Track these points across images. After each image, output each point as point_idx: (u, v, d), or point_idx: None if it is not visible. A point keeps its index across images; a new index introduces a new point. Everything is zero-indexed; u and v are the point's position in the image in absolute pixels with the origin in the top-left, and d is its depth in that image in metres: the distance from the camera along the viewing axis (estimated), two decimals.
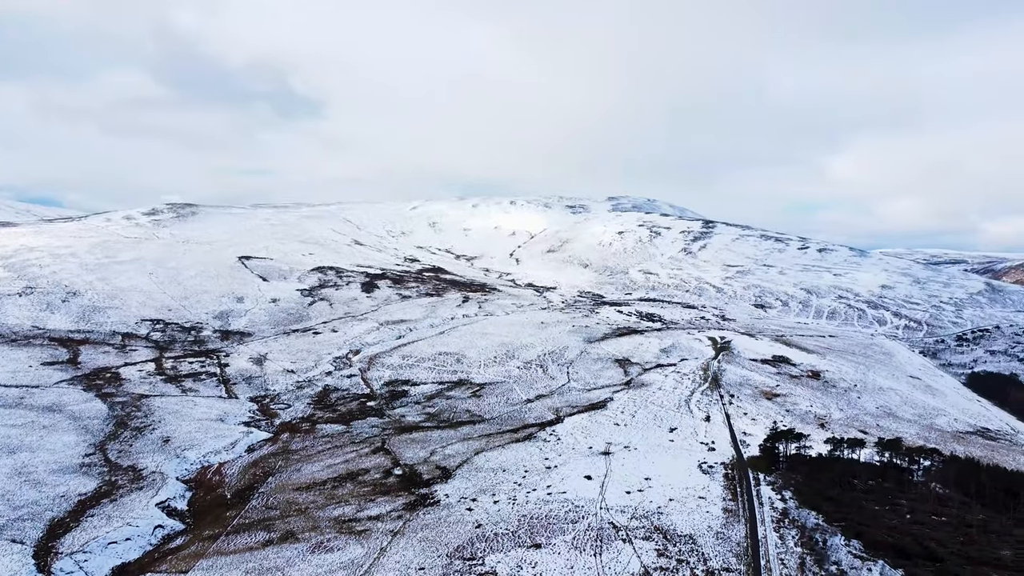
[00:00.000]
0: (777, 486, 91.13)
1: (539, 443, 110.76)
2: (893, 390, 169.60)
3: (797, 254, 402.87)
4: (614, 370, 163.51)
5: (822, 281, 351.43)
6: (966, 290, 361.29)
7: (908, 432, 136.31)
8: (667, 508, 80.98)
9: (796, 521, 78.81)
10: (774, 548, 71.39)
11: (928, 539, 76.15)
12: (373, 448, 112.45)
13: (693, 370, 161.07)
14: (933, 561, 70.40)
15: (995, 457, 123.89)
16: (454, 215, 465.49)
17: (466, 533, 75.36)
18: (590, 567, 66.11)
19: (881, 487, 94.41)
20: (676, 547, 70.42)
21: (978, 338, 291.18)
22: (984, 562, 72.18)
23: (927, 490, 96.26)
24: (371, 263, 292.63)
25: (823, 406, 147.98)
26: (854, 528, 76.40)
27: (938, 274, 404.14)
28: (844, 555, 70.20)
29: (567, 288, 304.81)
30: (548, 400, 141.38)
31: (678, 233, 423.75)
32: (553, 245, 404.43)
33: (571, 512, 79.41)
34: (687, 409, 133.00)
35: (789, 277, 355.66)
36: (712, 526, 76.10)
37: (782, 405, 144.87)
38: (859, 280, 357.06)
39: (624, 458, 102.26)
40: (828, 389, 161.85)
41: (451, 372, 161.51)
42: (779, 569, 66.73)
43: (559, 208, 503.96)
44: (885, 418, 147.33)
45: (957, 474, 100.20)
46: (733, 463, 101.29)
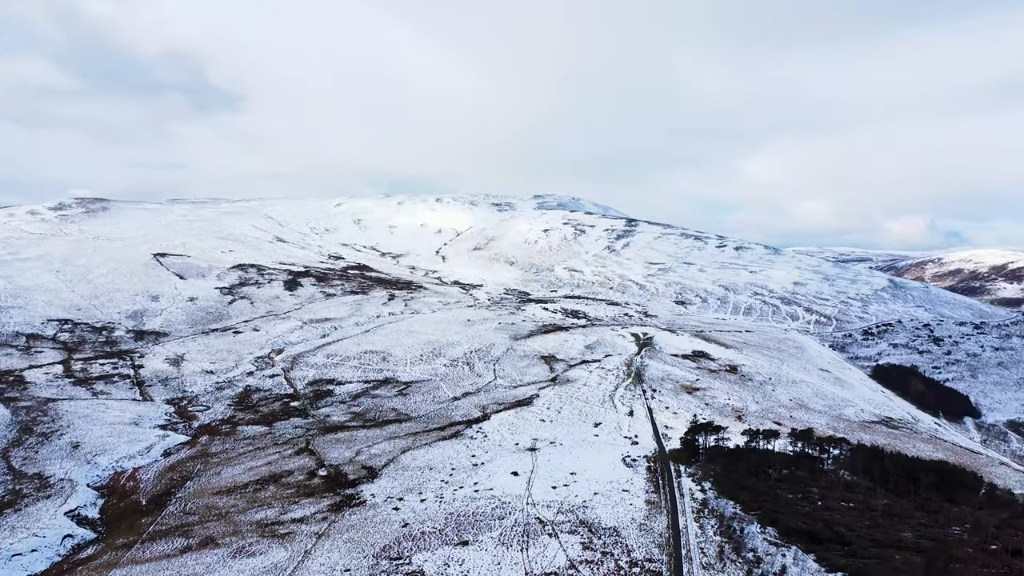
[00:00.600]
0: (697, 477, 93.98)
1: (466, 440, 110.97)
2: (805, 383, 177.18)
3: (715, 252, 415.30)
4: (540, 367, 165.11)
5: (739, 278, 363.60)
6: (871, 287, 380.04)
7: (819, 422, 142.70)
8: (592, 502, 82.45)
9: (715, 511, 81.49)
10: (694, 538, 73.64)
11: (837, 524, 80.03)
12: (297, 449, 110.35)
13: (617, 366, 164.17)
14: (842, 545, 74.06)
15: (897, 444, 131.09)
16: (379, 212, 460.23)
17: (393, 533, 74.91)
18: (517, 562, 66.74)
19: (794, 476, 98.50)
20: (601, 540, 71.80)
21: (882, 332, 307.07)
22: (888, 544, 76.40)
23: (836, 477, 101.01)
24: (294, 260, 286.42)
25: (740, 399, 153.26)
26: (769, 516, 79.60)
27: (846, 271, 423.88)
28: (760, 542, 73.05)
29: (493, 286, 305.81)
30: (475, 397, 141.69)
31: (602, 231, 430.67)
32: (479, 243, 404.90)
33: (498, 508, 79.93)
34: (611, 404, 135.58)
35: (708, 274, 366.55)
36: (635, 518, 77.92)
37: (702, 399, 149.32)
38: (773, 277, 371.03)
39: (550, 453, 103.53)
40: (745, 382, 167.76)
41: (377, 371, 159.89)
42: (699, 558, 68.88)
43: (485, 206, 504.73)
44: (798, 409, 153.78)
45: (863, 461, 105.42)
46: (655, 456, 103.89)
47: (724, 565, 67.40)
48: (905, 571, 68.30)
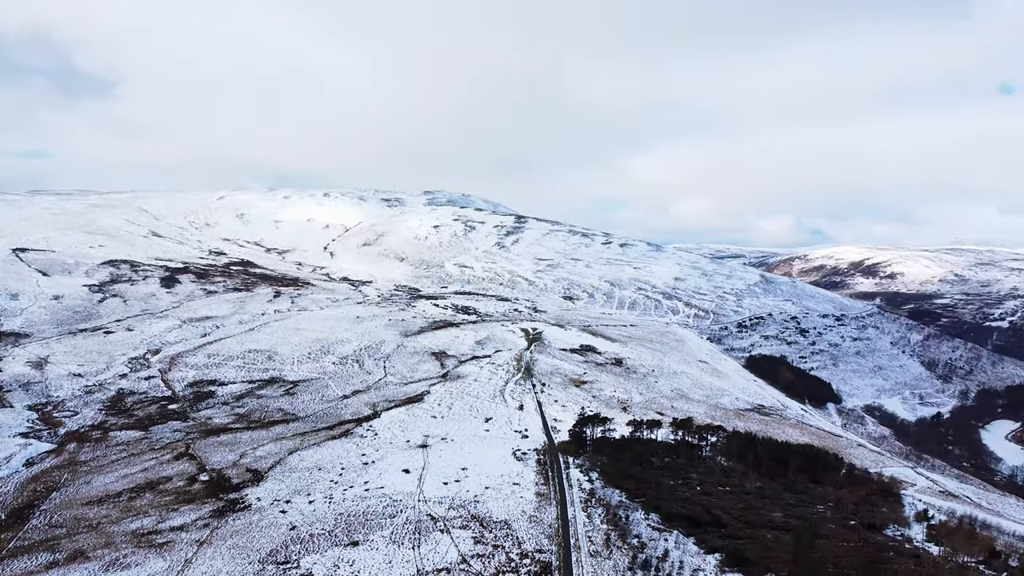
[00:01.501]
0: (585, 468, 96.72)
1: (356, 439, 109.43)
2: (685, 374, 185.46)
3: (602, 248, 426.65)
4: (431, 363, 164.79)
5: (624, 274, 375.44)
6: (745, 282, 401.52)
7: (698, 411, 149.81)
8: (483, 496, 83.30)
9: (602, 500, 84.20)
10: (582, 527, 75.83)
11: (715, 508, 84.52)
12: (176, 454, 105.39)
13: (507, 361, 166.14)
14: (719, 527, 78.33)
15: (768, 430, 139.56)
16: (264, 207, 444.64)
17: (280, 536, 73.01)
18: (408, 560, 66.62)
19: (676, 463, 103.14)
20: (492, 533, 72.73)
21: (755, 324, 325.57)
22: (760, 524, 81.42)
23: (714, 463, 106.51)
24: (172, 256, 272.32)
25: (625, 391, 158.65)
26: (653, 503, 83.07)
27: (722, 267, 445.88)
28: (644, 528, 76.14)
29: (383, 282, 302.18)
30: (365, 395, 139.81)
31: (492, 228, 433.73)
32: (369, 239, 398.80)
33: (389, 507, 79.43)
34: (502, 399, 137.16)
35: (595, 270, 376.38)
36: (526, 510, 79.37)
37: (589, 391, 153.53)
38: (656, 273, 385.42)
39: (442, 450, 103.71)
40: (630, 375, 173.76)
41: (262, 370, 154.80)
42: (587, 546, 71.01)
43: (375, 201, 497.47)
44: (679, 400, 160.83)
45: (738, 447, 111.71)
46: (545, 449, 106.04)
47: (611, 552, 69.79)
48: (775, 549, 73.01)
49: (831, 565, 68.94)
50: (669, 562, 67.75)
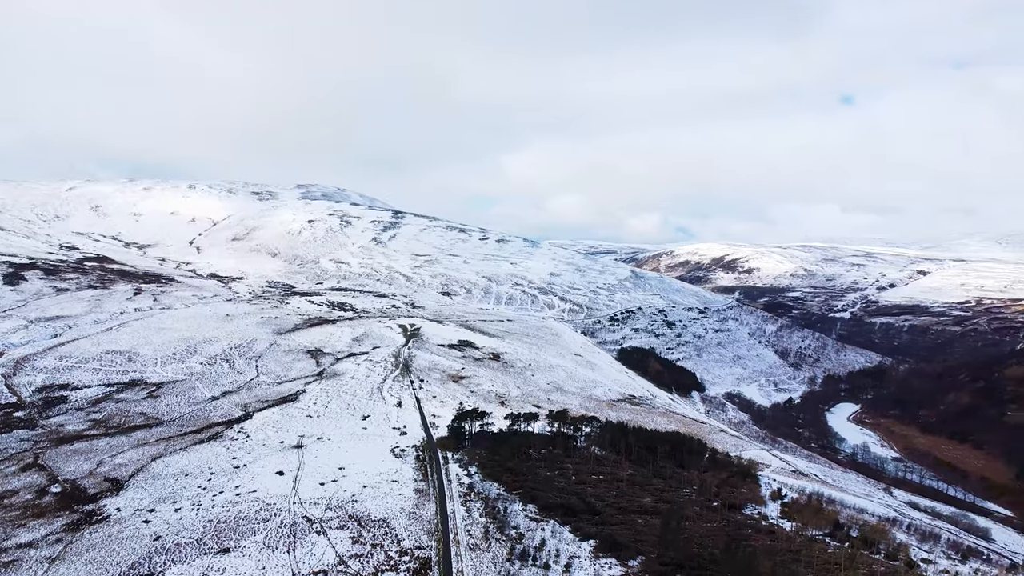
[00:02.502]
0: (464, 463, 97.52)
1: (226, 442, 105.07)
2: (561, 367, 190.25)
3: (479, 244, 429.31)
4: (306, 361, 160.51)
5: (501, 269, 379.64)
6: (617, 277, 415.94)
7: (573, 403, 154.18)
8: (361, 495, 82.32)
9: (481, 493, 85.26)
10: (462, 521, 76.52)
11: (589, 496, 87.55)
12: (22, 465, 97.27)
13: (385, 357, 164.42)
14: (593, 514, 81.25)
15: (639, 419, 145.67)
16: (122, 199, 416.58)
17: (143, 548, 69.14)
18: (283, 564, 64.92)
19: (552, 454, 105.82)
20: (371, 532, 72.07)
21: (626, 318, 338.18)
22: (631, 510, 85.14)
23: (588, 453, 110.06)
24: (15, 251, 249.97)
25: (503, 385, 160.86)
26: (530, 494, 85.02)
27: (595, 263, 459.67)
28: (522, 519, 77.80)
29: (255, 278, 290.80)
30: (236, 396, 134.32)
31: (369, 223, 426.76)
32: (239, 233, 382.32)
33: (262, 511, 76.96)
34: (380, 396, 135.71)
35: (472, 266, 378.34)
36: (405, 507, 79.15)
37: (467, 386, 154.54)
38: (532, 268, 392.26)
39: (318, 449, 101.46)
40: (507, 369, 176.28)
41: (122, 372, 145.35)
42: (466, 540, 71.75)
43: (245, 194, 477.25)
44: (555, 392, 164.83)
45: (611, 437, 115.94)
46: (424, 445, 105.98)
47: (489, 545, 70.85)
48: (646, 532, 76.61)
49: (696, 545, 73.13)
50: (546, 551, 69.64)
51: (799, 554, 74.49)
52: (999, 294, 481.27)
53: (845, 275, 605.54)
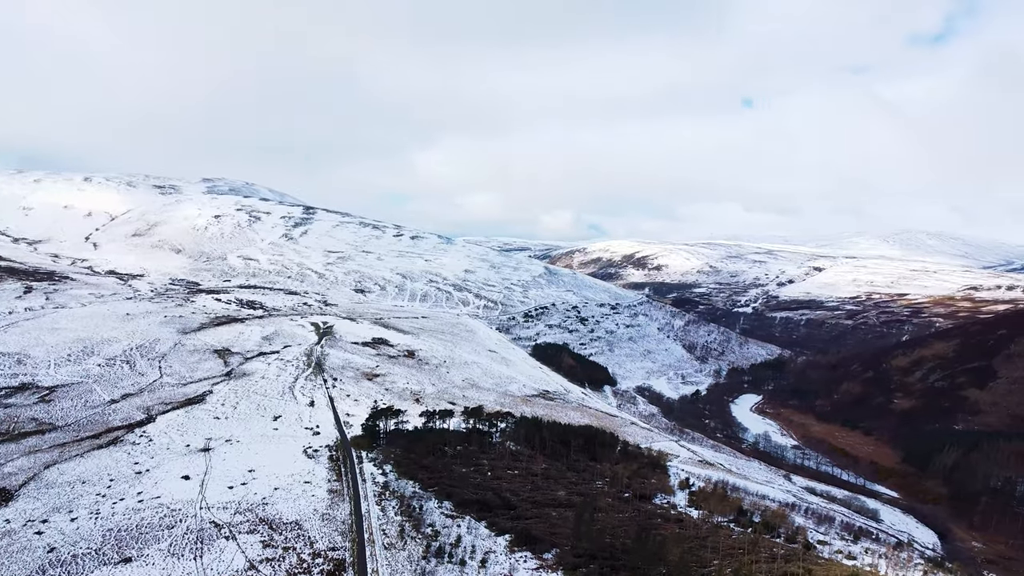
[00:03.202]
0: (378, 461, 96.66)
1: (127, 447, 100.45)
2: (476, 363, 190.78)
3: (393, 241, 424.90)
4: (213, 361, 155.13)
5: (415, 266, 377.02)
6: (531, 274, 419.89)
7: (488, 399, 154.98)
8: (273, 498, 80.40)
9: (396, 492, 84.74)
10: (377, 520, 75.87)
11: (505, 491, 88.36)
12: None
13: (297, 356, 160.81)
14: (509, 509, 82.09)
15: (553, 414, 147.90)
16: (9, 191, 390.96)
17: (35, 561, 65.40)
18: (190, 572, 62.75)
19: (468, 451, 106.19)
20: (282, 535, 70.54)
21: (540, 314, 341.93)
22: (546, 503, 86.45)
23: (503, 448, 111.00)
24: None
25: (418, 382, 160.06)
26: (446, 491, 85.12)
27: (510, 260, 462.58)
28: (438, 516, 77.80)
29: (157, 276, 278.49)
30: (137, 399, 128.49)
31: (279, 218, 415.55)
32: (140, 228, 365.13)
33: (167, 517, 74.08)
34: (292, 396, 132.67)
35: (386, 263, 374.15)
36: (318, 509, 77.80)
37: (382, 384, 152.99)
38: (447, 265, 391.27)
39: (226, 452, 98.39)
40: (422, 366, 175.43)
41: (10, 375, 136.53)
42: (381, 540, 71.20)
43: (146, 188, 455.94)
44: (470, 389, 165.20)
45: (526, 432, 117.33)
46: (338, 444, 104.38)
47: (405, 543, 70.56)
48: (560, 525, 77.98)
49: (608, 535, 74.99)
50: (462, 547, 69.93)
51: (706, 540, 77.47)
52: (887, 289, 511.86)
53: (748, 272, 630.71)
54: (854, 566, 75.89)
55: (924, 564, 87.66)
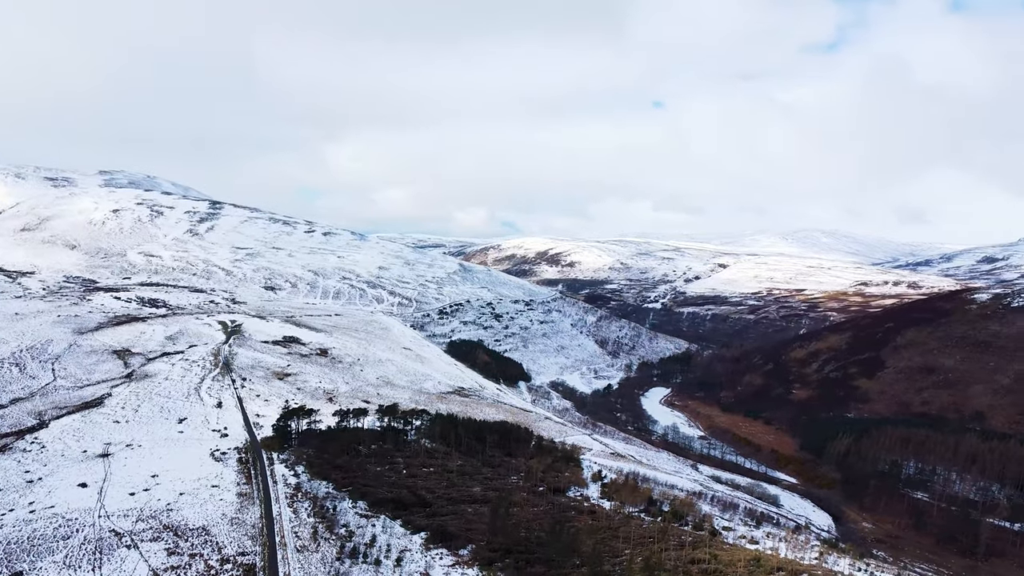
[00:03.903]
0: (290, 463, 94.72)
1: (17, 455, 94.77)
2: (391, 361, 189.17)
3: (304, 237, 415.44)
4: (112, 363, 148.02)
5: (328, 263, 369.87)
6: (445, 270, 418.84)
7: (403, 397, 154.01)
8: (178, 503, 77.63)
9: (308, 493, 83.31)
10: (288, 523, 74.41)
11: (420, 488, 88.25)
12: None
13: (203, 356, 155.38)
14: (424, 507, 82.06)
15: (468, 411, 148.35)
16: None
17: None
18: None
19: (382, 449, 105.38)
20: (189, 542, 68.27)
21: (455, 311, 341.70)
22: (462, 500, 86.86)
23: (419, 446, 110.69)
24: None
25: (331, 381, 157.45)
26: (360, 490, 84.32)
27: (424, 256, 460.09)
28: (352, 516, 77.00)
29: (50, 273, 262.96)
30: (28, 403, 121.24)
31: (183, 213, 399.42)
32: (29, 223, 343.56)
33: (62, 527, 70.43)
34: (198, 397, 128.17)
35: (298, 259, 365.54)
36: (227, 513, 75.65)
37: (294, 384, 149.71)
38: (360, 262, 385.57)
39: (127, 457, 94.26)
40: (335, 365, 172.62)
41: None
42: (294, 542, 69.91)
43: (36, 180, 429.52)
44: (384, 387, 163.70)
45: (441, 429, 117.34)
46: (247, 446, 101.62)
47: (318, 545, 69.54)
48: (476, 521, 78.55)
49: (523, 529, 76.09)
50: (377, 547, 69.51)
51: (618, 531, 79.65)
52: (786, 285, 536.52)
53: (657, 268, 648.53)
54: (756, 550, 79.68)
55: (820, 546, 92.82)
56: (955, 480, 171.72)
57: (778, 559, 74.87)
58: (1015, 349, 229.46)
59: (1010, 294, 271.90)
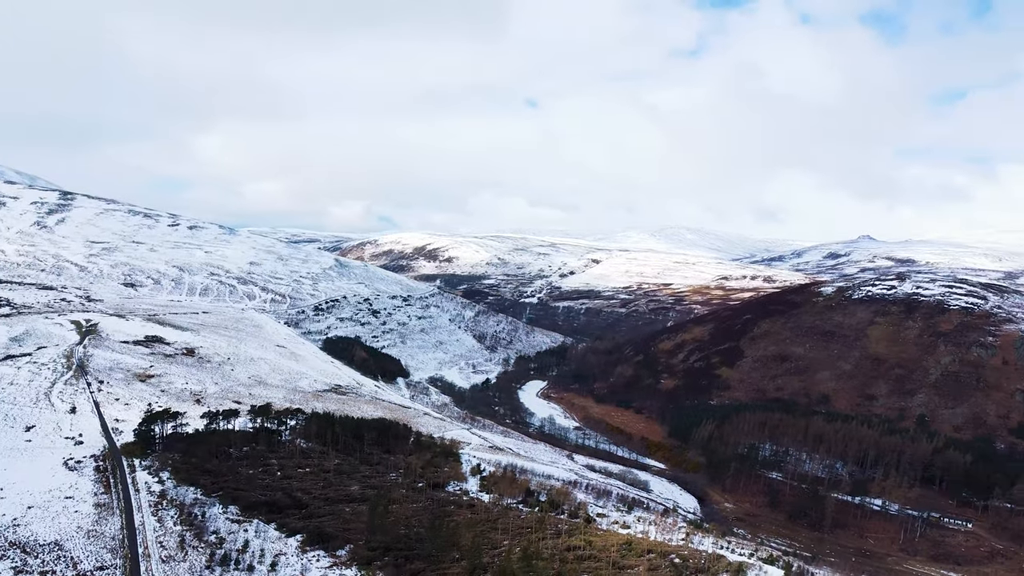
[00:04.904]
0: (154, 469, 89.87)
1: None
2: (263, 359, 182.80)
3: (168, 231, 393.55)
4: None
5: (194, 258, 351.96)
6: (320, 266, 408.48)
7: (277, 396, 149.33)
8: (26, 518, 71.91)
9: (175, 500, 79.42)
10: (153, 533, 70.72)
11: (296, 490, 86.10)
12: None
13: (54, 358, 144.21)
14: (300, 508, 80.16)
15: (345, 408, 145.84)
16: None
17: None
18: None
19: (255, 451, 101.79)
20: (39, 559, 63.54)
21: (331, 307, 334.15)
22: (339, 500, 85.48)
23: (294, 447, 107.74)
24: None
25: (199, 381, 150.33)
26: (231, 495, 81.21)
27: (298, 251, 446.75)
28: (222, 522, 74.12)
29: None
30: None
31: (29, 204, 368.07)
32: None
33: None
34: (48, 403, 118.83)
35: (161, 254, 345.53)
36: (82, 525, 70.93)
37: (157, 386, 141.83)
38: (229, 257, 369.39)
39: None
40: (204, 364, 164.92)
41: None
42: (158, 553, 66.56)
43: None
44: (257, 386, 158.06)
45: (317, 428, 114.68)
46: (106, 453, 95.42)
47: (186, 554, 66.60)
48: (354, 520, 77.59)
49: (403, 526, 75.94)
50: (250, 552, 67.42)
51: (496, 523, 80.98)
52: (655, 279, 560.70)
53: (533, 264, 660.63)
54: (628, 534, 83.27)
55: (686, 527, 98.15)
56: (805, 460, 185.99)
57: (648, 542, 78.61)
58: (855, 338, 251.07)
59: (851, 287, 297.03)
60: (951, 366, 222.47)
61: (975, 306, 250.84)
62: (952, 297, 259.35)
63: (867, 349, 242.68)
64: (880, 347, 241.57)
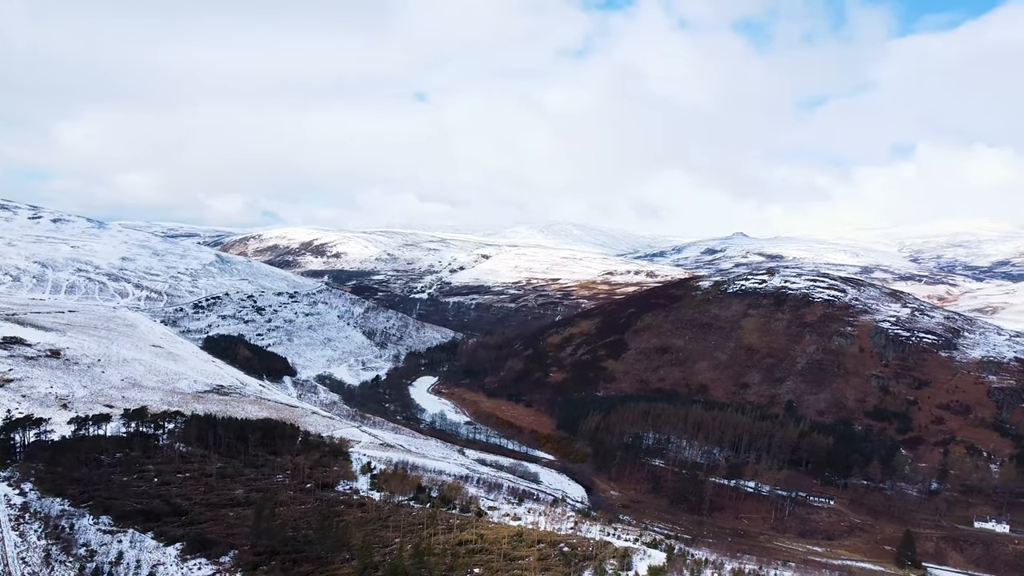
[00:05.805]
0: (15, 480, 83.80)
1: None
2: (137, 360, 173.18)
3: (28, 224, 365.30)
4: None
5: (59, 254, 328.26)
6: (200, 261, 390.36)
7: (153, 399, 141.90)
8: None
9: (39, 513, 74.40)
10: (14, 549, 66.03)
11: (175, 497, 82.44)
12: None
13: None
14: (180, 515, 76.82)
15: (228, 410, 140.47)
16: None
17: None
18: None
19: (129, 457, 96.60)
20: None
21: (212, 305, 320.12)
22: (222, 504, 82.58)
23: (172, 451, 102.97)
24: None
25: (65, 385, 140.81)
26: (103, 504, 76.80)
27: (176, 246, 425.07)
28: (93, 534, 70.07)
29: None
30: None
31: None
32: None
33: None
34: None
35: (20, 249, 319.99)
36: None
37: (17, 391, 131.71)
38: (99, 252, 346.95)
39: None
40: (70, 367, 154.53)
41: None
42: (20, 570, 62.25)
43: None
44: (131, 389, 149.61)
45: (197, 430, 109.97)
46: None
47: (52, 570, 62.69)
48: (238, 525, 75.19)
49: (290, 528, 74.27)
50: (124, 564, 64.26)
51: (388, 520, 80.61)
52: (543, 275, 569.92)
53: (423, 259, 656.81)
54: (519, 525, 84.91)
55: (575, 516, 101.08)
56: (685, 447, 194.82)
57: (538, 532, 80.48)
58: (730, 329, 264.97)
59: (726, 281, 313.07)
60: (815, 355, 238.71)
61: (836, 299, 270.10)
62: (816, 290, 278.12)
63: (741, 340, 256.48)
64: (753, 338, 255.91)
